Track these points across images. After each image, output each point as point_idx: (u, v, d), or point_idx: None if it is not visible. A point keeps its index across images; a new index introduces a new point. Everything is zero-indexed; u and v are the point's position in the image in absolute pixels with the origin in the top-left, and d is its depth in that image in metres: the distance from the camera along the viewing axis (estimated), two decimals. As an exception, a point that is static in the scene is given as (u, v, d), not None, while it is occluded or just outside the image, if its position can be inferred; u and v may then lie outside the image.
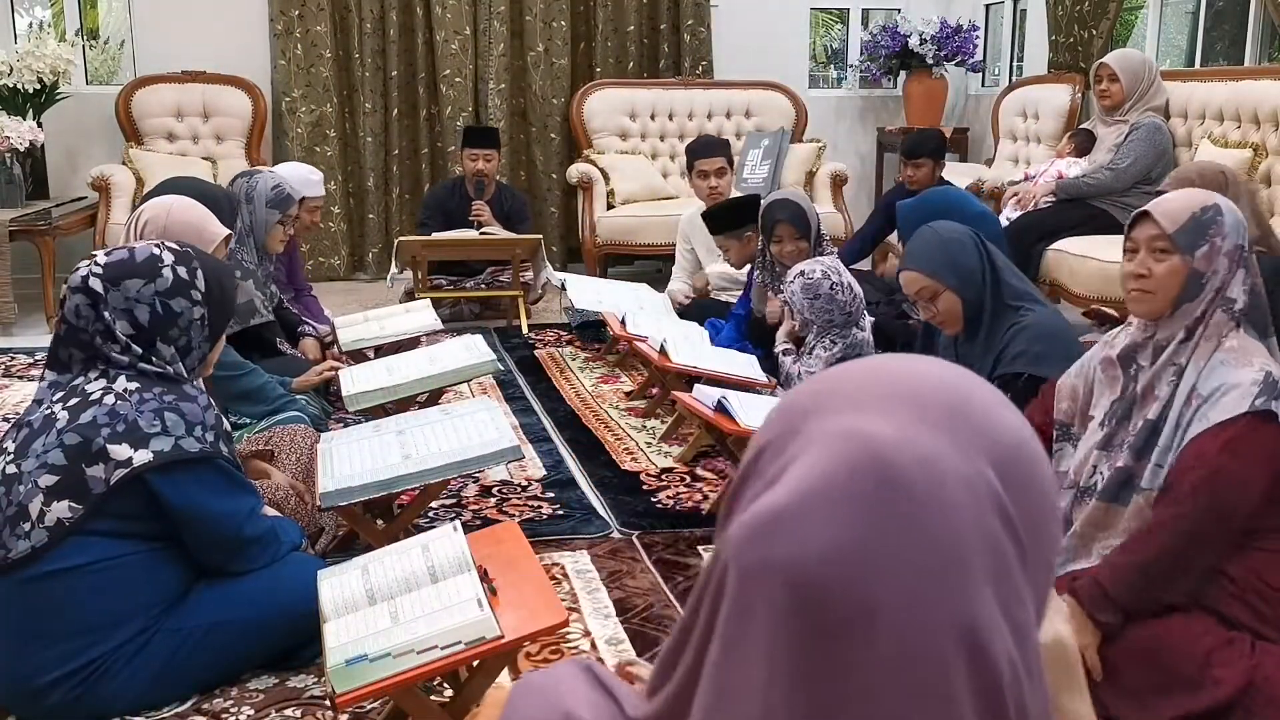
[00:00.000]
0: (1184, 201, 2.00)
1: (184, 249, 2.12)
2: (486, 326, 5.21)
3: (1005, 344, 2.58)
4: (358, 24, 6.43)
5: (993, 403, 0.70)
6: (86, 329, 2.00)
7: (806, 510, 0.64)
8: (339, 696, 1.66)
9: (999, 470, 0.66)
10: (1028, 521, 0.67)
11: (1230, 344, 1.96)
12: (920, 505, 0.63)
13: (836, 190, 6.23)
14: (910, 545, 0.62)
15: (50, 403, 2.01)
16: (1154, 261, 1.99)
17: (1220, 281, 1.97)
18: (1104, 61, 4.92)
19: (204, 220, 2.65)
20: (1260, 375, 1.91)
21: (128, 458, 1.93)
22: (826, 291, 3.43)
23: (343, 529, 2.71)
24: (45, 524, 1.92)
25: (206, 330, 2.09)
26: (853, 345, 3.47)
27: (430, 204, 5.67)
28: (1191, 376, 1.96)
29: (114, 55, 6.93)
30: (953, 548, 0.63)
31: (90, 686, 1.95)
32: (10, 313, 5.15)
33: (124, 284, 2.01)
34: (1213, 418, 1.90)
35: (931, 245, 2.69)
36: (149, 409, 1.96)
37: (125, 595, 1.98)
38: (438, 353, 3.32)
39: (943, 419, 0.66)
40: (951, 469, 0.64)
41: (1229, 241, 1.96)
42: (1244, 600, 1.97)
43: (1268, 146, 4.43)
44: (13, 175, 5.46)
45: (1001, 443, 0.68)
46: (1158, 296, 1.99)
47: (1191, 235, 1.96)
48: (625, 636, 2.30)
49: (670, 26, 6.78)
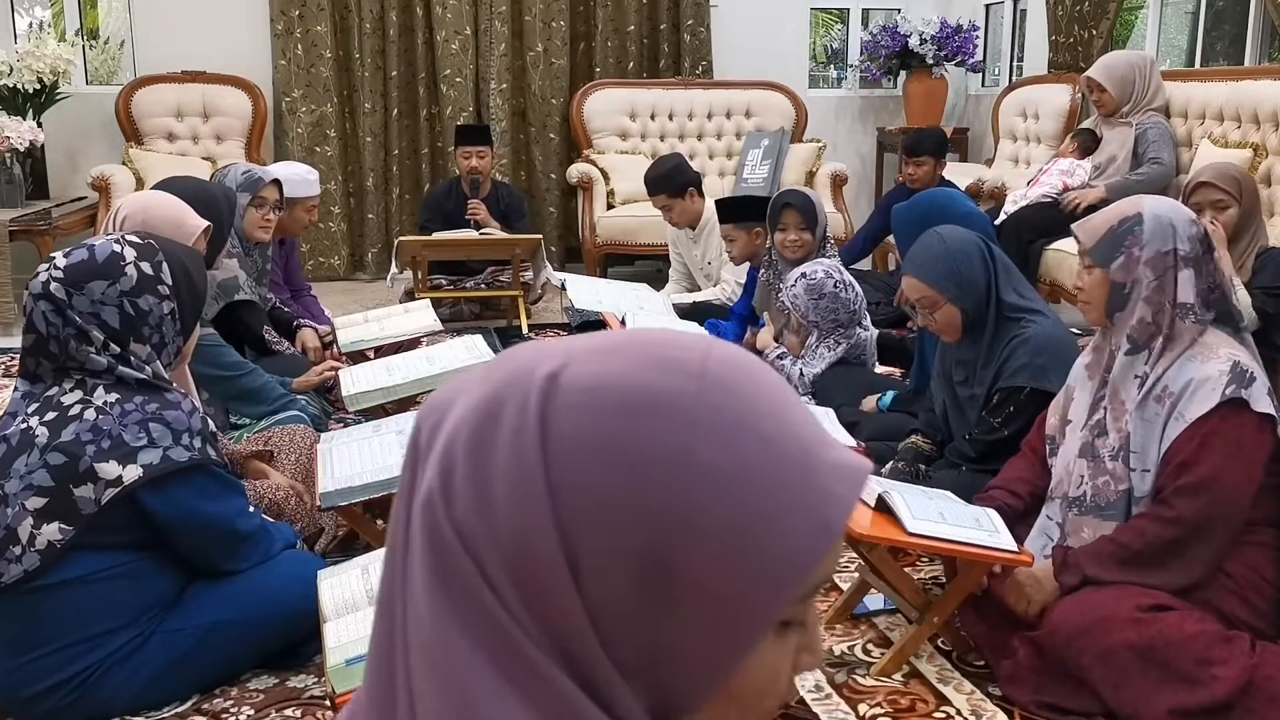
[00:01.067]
0: (1105, 217, 2.10)
1: (146, 241, 2.04)
2: (486, 326, 5.21)
3: (1007, 356, 2.55)
4: (358, 24, 6.43)
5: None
6: (57, 335, 1.93)
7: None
8: (339, 696, 1.66)
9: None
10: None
11: (1199, 342, 2.00)
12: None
13: (836, 190, 6.23)
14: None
15: (25, 415, 1.95)
16: (1086, 275, 2.11)
17: (1148, 289, 1.99)
18: (1089, 75, 4.89)
19: (182, 214, 2.61)
20: (1227, 365, 1.95)
21: (117, 475, 1.89)
22: (831, 290, 3.43)
23: (343, 529, 2.71)
24: (36, 547, 1.89)
25: (178, 324, 2.04)
26: (856, 345, 3.47)
27: (429, 206, 5.68)
28: (1157, 376, 2.00)
29: (114, 55, 6.93)
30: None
31: (86, 691, 1.94)
32: (10, 313, 5.15)
33: (87, 287, 1.93)
34: (1188, 415, 1.93)
35: (936, 254, 2.63)
36: (132, 421, 1.92)
37: (119, 603, 1.96)
38: (437, 353, 3.32)
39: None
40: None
41: (1149, 249, 2.01)
42: (1242, 596, 1.98)
43: (1268, 146, 4.43)
44: (13, 175, 5.46)
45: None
46: (1092, 307, 2.11)
47: (1107, 249, 2.06)
48: (625, 636, 2.30)
49: (670, 26, 6.78)
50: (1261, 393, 1.95)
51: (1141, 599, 1.93)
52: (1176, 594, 1.95)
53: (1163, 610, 1.92)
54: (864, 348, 3.50)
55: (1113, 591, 1.95)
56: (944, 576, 2.37)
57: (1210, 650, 1.87)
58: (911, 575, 2.31)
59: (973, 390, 2.63)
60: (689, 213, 4.73)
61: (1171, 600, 1.94)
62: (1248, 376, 1.94)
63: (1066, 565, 2.03)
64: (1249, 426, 1.93)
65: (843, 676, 2.15)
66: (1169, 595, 1.95)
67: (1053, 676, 1.99)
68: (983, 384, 2.60)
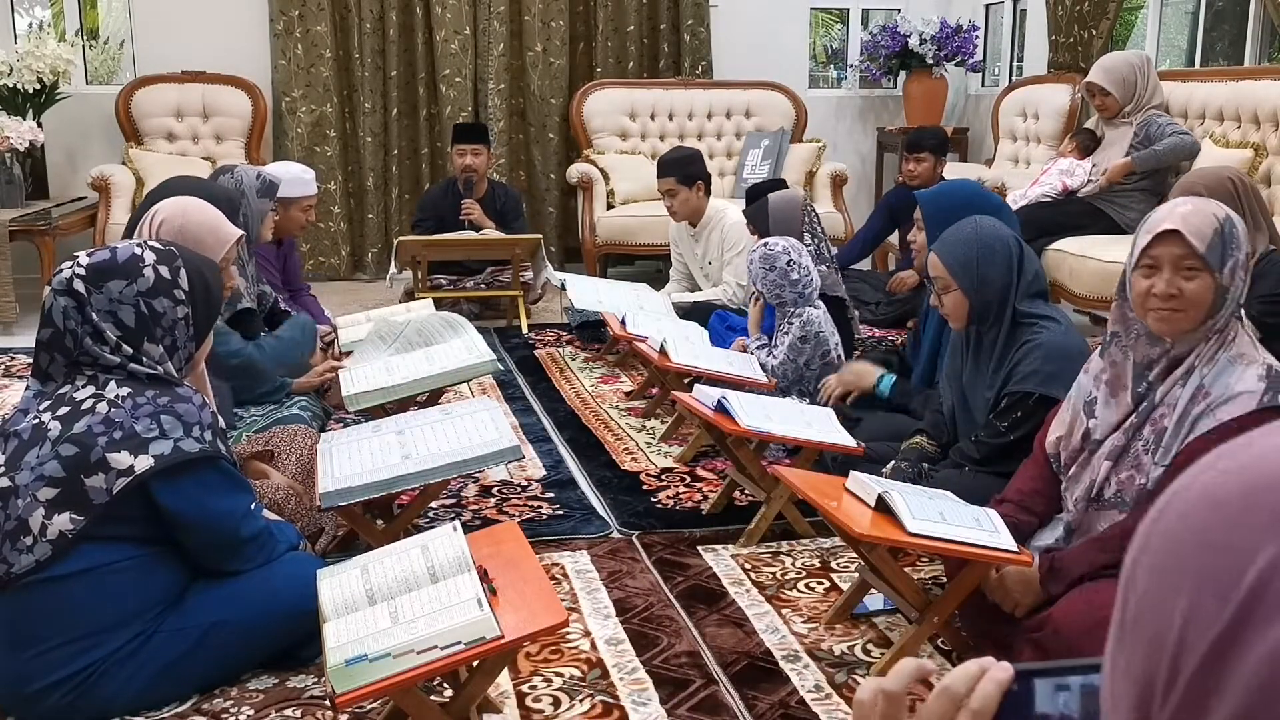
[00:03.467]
0: (1205, 218, 1.95)
1: (167, 247, 2.09)
2: (486, 326, 5.20)
3: (1017, 360, 2.53)
4: (358, 24, 6.43)
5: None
6: (74, 331, 1.98)
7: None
8: (339, 696, 1.65)
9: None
10: None
11: (1236, 343, 1.98)
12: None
13: (836, 190, 6.23)
14: None
15: (37, 412, 1.98)
16: (1183, 280, 1.94)
17: (1239, 292, 1.97)
18: (1089, 80, 4.88)
19: (219, 221, 2.65)
20: (1264, 370, 1.93)
21: (129, 465, 1.91)
22: (782, 266, 3.50)
23: (343, 529, 2.71)
24: (48, 537, 1.91)
25: (191, 330, 2.07)
26: (808, 324, 3.51)
27: (425, 205, 5.68)
28: (1199, 376, 1.97)
29: (114, 55, 6.93)
30: None
31: (88, 689, 1.95)
32: (10, 313, 5.16)
33: (106, 285, 1.99)
34: (1222, 415, 1.91)
35: (965, 241, 2.60)
36: (144, 413, 1.95)
37: (122, 599, 1.97)
38: (437, 353, 3.32)
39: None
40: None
41: (1243, 252, 1.97)
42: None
43: (1268, 146, 4.43)
44: (13, 175, 5.46)
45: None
46: (1189, 315, 1.95)
47: (1219, 252, 1.92)
48: (625, 636, 2.30)
49: (670, 26, 6.78)
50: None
51: None
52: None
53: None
54: (818, 326, 3.53)
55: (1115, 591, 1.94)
56: (944, 576, 2.37)
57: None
58: (911, 575, 2.31)
59: (981, 393, 2.62)
60: (691, 205, 4.74)
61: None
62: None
63: (1054, 572, 2.02)
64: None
65: (843, 676, 2.15)
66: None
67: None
68: (992, 387, 2.59)
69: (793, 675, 2.15)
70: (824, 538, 2.79)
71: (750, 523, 2.80)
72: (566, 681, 2.13)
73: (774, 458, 3.16)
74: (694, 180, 4.71)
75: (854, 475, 2.26)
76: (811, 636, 2.31)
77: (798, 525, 2.81)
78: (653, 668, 2.17)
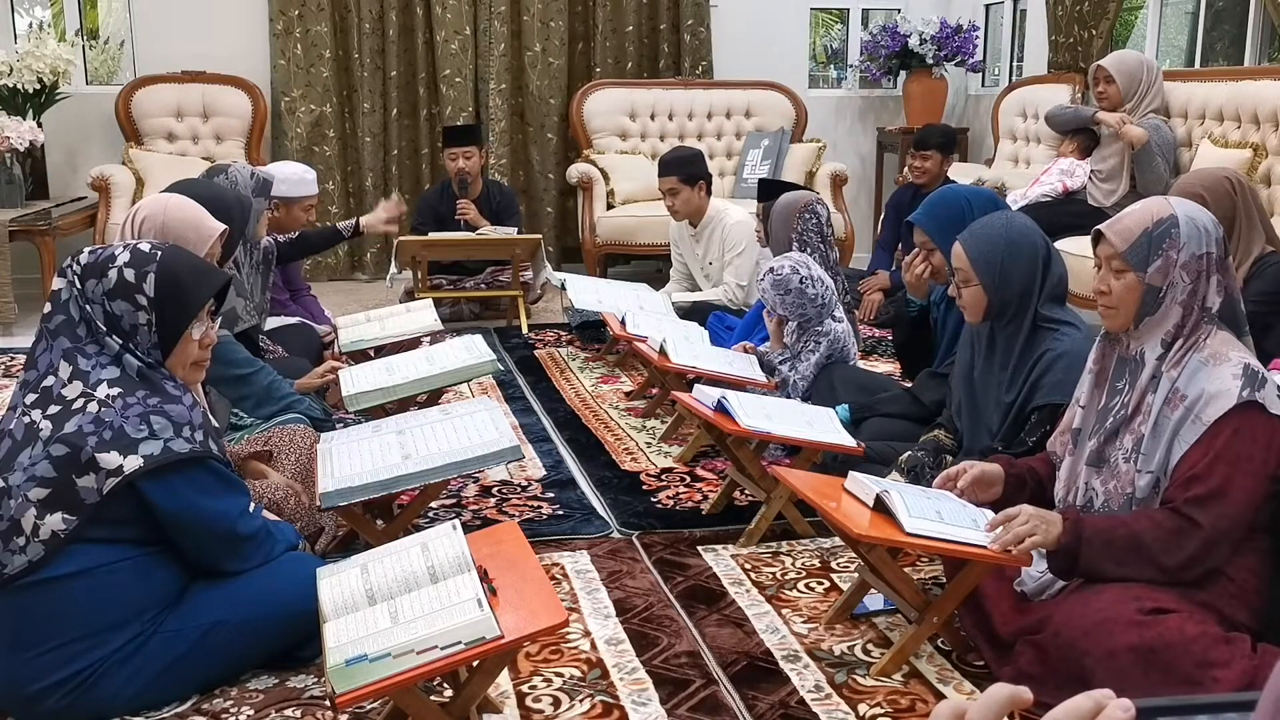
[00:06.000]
0: (1137, 218, 2.04)
1: (151, 250, 2.06)
2: (486, 326, 5.21)
3: (1043, 370, 2.50)
4: (357, 24, 6.43)
5: None
6: (79, 315, 2.01)
7: None
8: (339, 697, 1.65)
9: None
10: None
11: (1208, 344, 2.00)
12: None
13: (836, 190, 6.23)
14: None
15: (25, 407, 1.98)
16: (1113, 279, 2.04)
17: (1183, 293, 1.99)
18: (1100, 64, 4.93)
19: (200, 217, 2.63)
20: (1239, 368, 1.95)
21: (118, 465, 1.91)
22: (796, 286, 3.47)
23: (343, 529, 2.71)
24: (40, 538, 1.91)
25: (155, 336, 2.03)
26: (834, 341, 3.49)
27: (422, 208, 5.69)
28: (1169, 380, 1.99)
29: (114, 55, 6.93)
30: None
31: (87, 690, 1.95)
32: (10, 313, 5.16)
33: (86, 283, 2.02)
34: (1205, 418, 1.92)
35: (992, 236, 2.57)
36: (134, 414, 1.95)
37: (120, 600, 1.97)
38: (437, 353, 3.32)
39: None
40: None
41: (1185, 253, 1.99)
42: (1243, 599, 1.98)
43: (1268, 146, 4.43)
44: (13, 175, 5.46)
45: None
46: (1120, 312, 2.05)
47: (1143, 251, 2.00)
48: (625, 636, 2.30)
49: (670, 26, 6.78)
50: (1273, 395, 1.94)
51: (1143, 601, 1.93)
52: (1178, 596, 1.95)
53: (1164, 613, 1.92)
54: (842, 342, 3.52)
55: (1114, 594, 1.95)
56: (944, 576, 2.37)
57: (1211, 652, 1.87)
58: (911, 575, 2.31)
59: (992, 391, 2.60)
60: (692, 204, 4.74)
61: (1173, 602, 1.94)
62: (1260, 378, 1.94)
63: (1078, 533, 1.97)
64: (1261, 431, 1.93)
65: (843, 676, 2.15)
66: (1171, 598, 1.94)
67: (1054, 679, 1.99)
68: (1008, 391, 2.56)
69: (793, 675, 2.15)
70: (824, 538, 2.79)
71: (750, 523, 2.80)
72: (566, 682, 2.13)
73: (774, 458, 3.16)
74: (696, 180, 4.72)
75: (853, 475, 2.26)
76: (811, 636, 2.31)
77: (798, 525, 2.81)
78: (653, 668, 2.17)
